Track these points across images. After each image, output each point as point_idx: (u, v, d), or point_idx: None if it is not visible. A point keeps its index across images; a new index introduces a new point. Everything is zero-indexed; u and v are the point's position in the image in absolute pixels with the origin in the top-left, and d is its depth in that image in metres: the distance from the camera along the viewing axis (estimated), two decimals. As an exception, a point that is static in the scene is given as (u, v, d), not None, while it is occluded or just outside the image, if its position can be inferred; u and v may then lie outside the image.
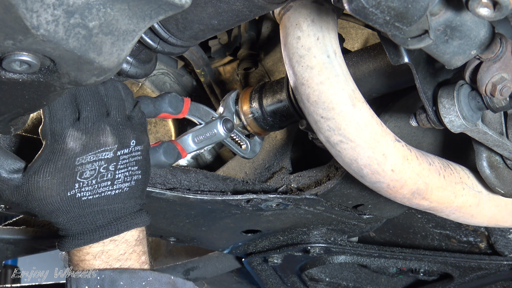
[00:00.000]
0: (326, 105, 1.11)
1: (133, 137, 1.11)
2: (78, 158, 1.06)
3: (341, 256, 1.82)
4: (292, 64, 1.13)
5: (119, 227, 1.11)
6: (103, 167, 1.08)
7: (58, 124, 1.06)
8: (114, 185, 1.09)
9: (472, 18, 0.98)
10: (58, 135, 1.06)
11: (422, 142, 1.51)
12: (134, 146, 1.11)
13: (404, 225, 1.91)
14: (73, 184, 1.06)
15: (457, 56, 1.03)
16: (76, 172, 1.06)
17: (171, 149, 1.25)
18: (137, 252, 1.14)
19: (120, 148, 1.09)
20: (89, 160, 1.07)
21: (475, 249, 1.90)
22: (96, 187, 1.08)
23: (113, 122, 1.09)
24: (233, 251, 1.89)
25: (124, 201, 1.11)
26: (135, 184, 1.12)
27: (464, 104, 1.14)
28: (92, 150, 1.07)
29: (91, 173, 1.07)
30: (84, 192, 1.07)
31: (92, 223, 1.09)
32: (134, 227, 1.13)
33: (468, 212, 1.35)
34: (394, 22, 0.87)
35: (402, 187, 1.21)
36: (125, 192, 1.11)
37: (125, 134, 1.10)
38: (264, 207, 1.51)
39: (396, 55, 1.09)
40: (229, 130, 1.36)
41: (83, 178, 1.06)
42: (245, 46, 1.81)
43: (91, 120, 1.07)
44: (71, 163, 1.06)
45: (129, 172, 1.11)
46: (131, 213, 1.13)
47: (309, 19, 1.11)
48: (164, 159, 1.23)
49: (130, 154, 1.11)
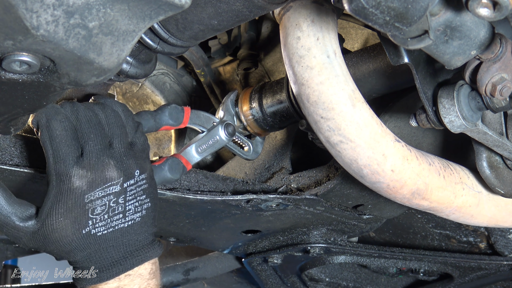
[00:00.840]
0: (326, 106, 1.11)
1: (136, 167, 1.12)
2: (86, 195, 1.07)
3: (341, 256, 1.82)
4: (292, 64, 1.13)
5: (134, 261, 1.11)
6: (113, 201, 1.08)
7: (62, 165, 1.06)
8: (126, 217, 1.10)
9: (472, 19, 0.98)
10: (64, 175, 1.06)
11: (422, 142, 1.51)
12: (139, 176, 1.12)
13: (404, 225, 1.91)
14: (87, 221, 1.07)
15: (457, 57, 1.03)
16: (87, 209, 1.07)
17: (176, 165, 1.25)
18: (151, 286, 1.15)
19: (126, 180, 1.10)
20: (98, 196, 1.07)
21: (475, 249, 1.90)
22: (109, 221, 1.09)
23: (116, 155, 1.10)
24: (233, 251, 1.88)
25: (137, 231, 1.12)
26: (146, 212, 1.13)
27: (464, 104, 1.14)
28: (99, 186, 1.07)
29: (102, 208, 1.08)
30: (98, 228, 1.08)
31: (108, 258, 1.10)
32: (148, 259, 1.13)
33: (468, 212, 1.35)
34: (394, 23, 0.87)
35: (402, 187, 1.21)
36: (138, 222, 1.12)
37: (129, 165, 1.11)
38: (264, 207, 1.51)
39: (396, 56, 1.09)
40: (231, 134, 1.36)
41: (95, 214, 1.07)
42: (245, 46, 1.81)
43: (94, 155, 1.07)
44: (81, 201, 1.06)
45: (139, 202, 1.12)
46: (144, 245, 1.13)
47: (309, 20, 1.11)
48: (170, 176, 1.24)
49: (136, 184, 1.12)
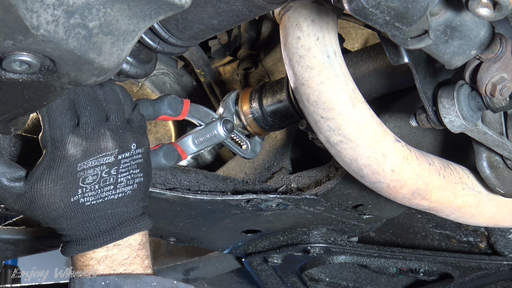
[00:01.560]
0: (326, 105, 1.11)
1: (133, 141, 1.11)
2: (79, 164, 1.06)
3: (341, 256, 1.82)
4: (292, 64, 1.13)
5: (123, 232, 1.11)
6: (105, 171, 1.08)
7: (58, 131, 1.06)
8: (117, 189, 1.10)
9: (472, 18, 0.98)
10: (59, 142, 1.06)
11: (422, 142, 1.51)
12: (135, 149, 1.12)
13: (404, 225, 1.91)
14: (76, 190, 1.06)
15: (457, 56, 1.03)
16: (78, 178, 1.06)
17: (171, 152, 1.25)
18: (141, 256, 1.14)
19: (121, 152, 1.10)
20: (91, 165, 1.07)
21: (475, 249, 1.90)
22: (99, 191, 1.08)
23: (112, 127, 1.10)
24: (233, 251, 1.89)
25: (127, 204, 1.11)
26: (138, 187, 1.13)
27: (464, 104, 1.14)
28: (93, 155, 1.07)
29: (93, 178, 1.07)
30: (87, 197, 1.08)
31: (96, 228, 1.10)
32: (137, 231, 1.13)
33: (468, 212, 1.35)
34: (394, 22, 0.87)
35: (402, 187, 1.21)
36: (128, 195, 1.11)
37: (125, 138, 1.11)
38: (264, 207, 1.51)
39: (396, 55, 1.09)
40: (229, 130, 1.36)
41: (85, 183, 1.07)
42: (245, 46, 1.81)
43: (90, 126, 1.07)
44: (73, 169, 1.06)
45: (131, 175, 1.11)
46: (134, 217, 1.13)
47: (309, 19, 1.11)
48: (165, 161, 1.23)
49: (132, 157, 1.11)
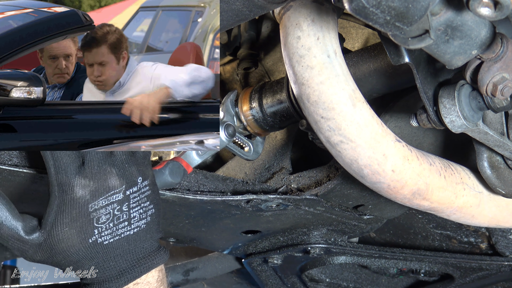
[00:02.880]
0: (326, 105, 1.11)
1: (139, 174, 1.12)
2: (90, 204, 1.07)
3: (342, 257, 1.82)
4: (292, 64, 1.13)
5: (142, 269, 1.12)
6: (117, 209, 1.09)
7: (64, 175, 1.07)
8: (131, 225, 1.11)
9: (473, 18, 0.98)
10: (66, 185, 1.07)
11: (422, 142, 1.51)
12: (142, 182, 1.13)
13: (404, 226, 1.91)
14: (92, 230, 1.07)
15: (458, 56, 1.03)
16: (92, 218, 1.07)
17: (177, 168, 1.25)
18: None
19: (128, 187, 1.10)
20: (102, 204, 1.08)
21: (476, 249, 1.90)
22: (114, 229, 1.09)
23: (117, 162, 1.10)
24: (233, 251, 1.88)
25: (143, 238, 1.12)
26: (151, 219, 1.14)
27: (465, 104, 1.14)
28: (102, 195, 1.08)
29: (106, 217, 1.08)
30: (104, 237, 1.09)
31: (116, 268, 1.10)
32: (155, 266, 1.14)
33: (469, 213, 1.35)
34: (394, 22, 0.87)
35: (402, 188, 1.21)
36: (143, 229, 1.12)
37: (131, 172, 1.11)
38: (264, 207, 1.51)
39: (396, 55, 1.09)
40: (231, 135, 1.36)
41: (100, 223, 1.08)
42: (245, 45, 1.81)
43: (96, 164, 1.08)
44: (85, 210, 1.07)
45: (143, 209, 1.12)
46: (151, 252, 1.14)
47: (309, 19, 1.11)
48: (171, 180, 1.24)
49: (140, 191, 1.12)
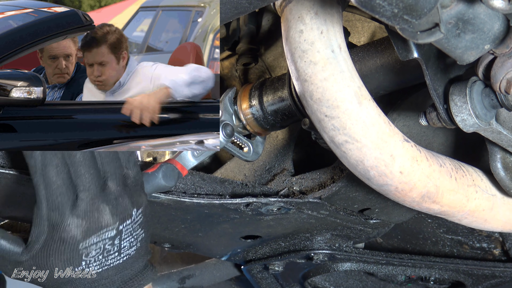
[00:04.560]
0: (330, 103, 1.11)
1: (133, 206, 1.13)
2: (80, 243, 1.08)
3: (347, 264, 1.82)
4: (294, 59, 1.13)
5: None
6: (108, 244, 1.10)
7: (57, 213, 1.07)
8: (121, 254, 1.12)
9: (486, 11, 0.98)
10: (57, 225, 1.07)
11: (432, 142, 1.51)
12: (136, 213, 1.14)
13: (413, 231, 1.91)
14: (80, 262, 1.09)
15: (469, 51, 1.03)
16: (81, 254, 1.09)
17: (171, 171, 1.25)
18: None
19: (122, 222, 1.11)
20: (93, 242, 1.09)
21: (488, 256, 1.90)
22: (103, 261, 1.11)
23: (111, 198, 1.10)
24: (231, 258, 1.89)
25: (132, 264, 1.14)
26: (141, 244, 1.15)
27: (477, 102, 1.14)
28: (94, 233, 1.09)
29: (96, 251, 1.10)
30: (92, 267, 1.10)
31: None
32: (143, 286, 1.16)
33: (481, 217, 1.35)
34: (402, 15, 0.87)
35: (411, 190, 1.21)
36: (132, 256, 1.14)
37: (125, 207, 1.12)
38: (264, 211, 1.51)
39: (404, 50, 1.09)
40: (229, 135, 1.36)
41: (89, 257, 1.10)
42: (244, 40, 1.81)
43: (89, 202, 1.08)
44: (75, 248, 1.08)
45: (134, 237, 1.14)
46: (137, 272, 1.16)
47: (312, 12, 1.11)
48: (165, 183, 1.24)
49: (133, 222, 1.13)
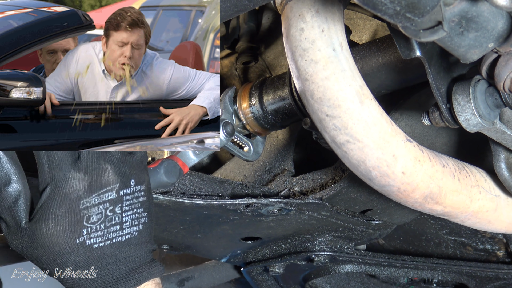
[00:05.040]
0: (331, 102, 1.11)
1: (132, 177, 1.12)
2: (82, 201, 1.07)
3: (348, 265, 1.82)
4: (295, 58, 1.13)
5: (138, 278, 1.11)
6: (109, 209, 1.08)
7: (58, 169, 1.07)
8: (123, 230, 1.10)
9: (489, 9, 0.98)
10: (61, 180, 1.07)
11: (435, 142, 1.51)
12: (135, 186, 1.12)
13: (415, 232, 1.91)
14: (81, 230, 1.06)
15: (473, 50, 1.03)
16: (82, 217, 1.06)
17: (172, 167, 1.26)
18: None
19: (122, 187, 1.10)
20: (94, 202, 1.07)
21: (492, 257, 1.90)
22: (105, 232, 1.08)
23: (113, 159, 1.10)
24: (231, 259, 1.89)
25: (135, 247, 1.12)
26: (143, 227, 1.13)
27: (480, 101, 1.14)
28: (95, 191, 1.08)
29: (98, 217, 1.08)
30: (94, 239, 1.08)
31: (109, 275, 1.10)
32: (152, 277, 1.13)
33: (485, 218, 1.35)
34: (405, 13, 0.87)
35: (413, 191, 1.21)
36: (135, 237, 1.12)
37: (125, 172, 1.11)
38: (264, 212, 1.51)
39: (407, 49, 1.09)
40: (230, 134, 1.36)
41: (90, 223, 1.07)
42: (244, 38, 1.81)
43: (91, 159, 1.08)
44: (76, 207, 1.06)
45: (135, 215, 1.12)
46: (146, 262, 1.13)
47: (313, 10, 1.11)
48: (166, 179, 1.24)
49: (133, 194, 1.12)
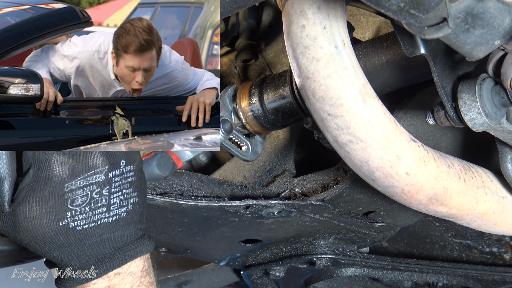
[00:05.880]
0: (333, 101, 1.11)
1: (122, 156, 1.12)
2: (66, 184, 1.07)
3: (351, 269, 1.82)
4: (296, 55, 1.13)
5: (123, 258, 1.11)
6: (96, 191, 1.08)
7: (42, 152, 1.07)
8: (110, 211, 1.10)
9: (496, 5, 0.98)
10: (43, 162, 1.07)
11: (440, 142, 1.51)
12: (125, 166, 1.12)
13: (420, 234, 1.91)
14: (65, 212, 1.07)
15: (479, 47, 1.03)
16: (66, 199, 1.07)
17: (166, 160, 1.26)
18: (145, 284, 1.15)
19: (111, 169, 1.10)
20: (79, 185, 1.07)
21: (499, 260, 1.90)
22: (90, 214, 1.08)
23: None
24: (230, 263, 1.89)
25: (123, 227, 1.12)
26: (133, 208, 1.13)
27: (486, 100, 1.14)
28: (81, 174, 1.07)
29: (83, 199, 1.08)
30: (78, 221, 1.07)
31: (93, 255, 1.10)
32: (138, 255, 1.13)
33: (491, 220, 1.35)
34: (409, 9, 0.87)
35: (418, 192, 1.21)
36: (123, 217, 1.11)
37: (114, 153, 1.11)
38: (265, 214, 1.51)
39: (411, 46, 1.09)
40: (228, 131, 1.36)
41: (74, 205, 1.07)
42: (244, 35, 1.81)
43: None
44: (59, 190, 1.06)
45: (124, 195, 1.12)
46: (133, 240, 1.13)
47: (314, 6, 1.11)
48: (159, 172, 1.24)
49: (122, 175, 1.12)
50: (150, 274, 1.16)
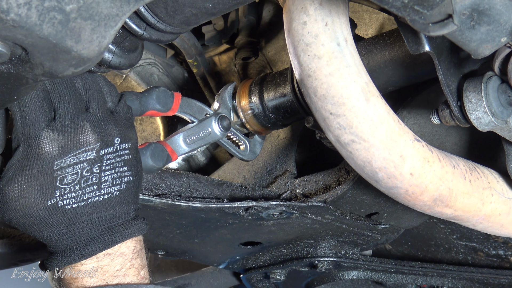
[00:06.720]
0: (335, 100, 1.11)
1: (117, 134, 1.11)
2: (56, 161, 1.06)
3: (353, 272, 1.82)
4: (297, 53, 1.13)
5: (113, 238, 1.10)
6: (86, 169, 1.07)
7: (31, 127, 1.06)
8: (101, 190, 1.09)
9: (502, 1, 0.98)
10: (32, 139, 1.06)
11: (445, 142, 1.51)
12: (119, 144, 1.11)
13: (424, 237, 1.91)
14: (54, 191, 1.06)
15: (485, 44, 1.02)
16: (55, 178, 1.06)
17: (160, 151, 1.25)
18: (135, 267, 1.14)
19: (103, 146, 1.09)
20: (69, 163, 1.07)
21: (505, 263, 1.90)
22: (80, 193, 1.07)
23: (93, 118, 1.09)
24: (230, 266, 1.89)
25: (115, 207, 1.11)
26: (126, 187, 1.12)
27: (493, 99, 1.14)
28: (71, 151, 1.07)
29: (72, 177, 1.07)
30: (67, 200, 1.07)
31: (82, 235, 1.09)
32: (130, 236, 1.12)
33: (497, 222, 1.35)
34: (413, 5, 0.87)
35: (422, 193, 1.21)
36: (115, 196, 1.10)
37: (108, 130, 1.10)
38: (265, 216, 1.51)
39: (415, 43, 1.09)
40: (226, 128, 1.35)
41: (64, 184, 1.06)
42: (243, 32, 1.81)
43: (68, 118, 1.07)
44: (49, 168, 1.06)
45: (118, 174, 1.11)
46: (125, 221, 1.12)
47: (316, 2, 1.11)
48: (152, 163, 1.23)
49: (116, 153, 1.11)
50: (141, 257, 1.15)
